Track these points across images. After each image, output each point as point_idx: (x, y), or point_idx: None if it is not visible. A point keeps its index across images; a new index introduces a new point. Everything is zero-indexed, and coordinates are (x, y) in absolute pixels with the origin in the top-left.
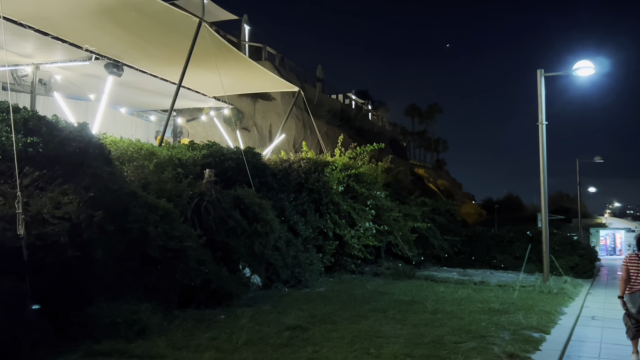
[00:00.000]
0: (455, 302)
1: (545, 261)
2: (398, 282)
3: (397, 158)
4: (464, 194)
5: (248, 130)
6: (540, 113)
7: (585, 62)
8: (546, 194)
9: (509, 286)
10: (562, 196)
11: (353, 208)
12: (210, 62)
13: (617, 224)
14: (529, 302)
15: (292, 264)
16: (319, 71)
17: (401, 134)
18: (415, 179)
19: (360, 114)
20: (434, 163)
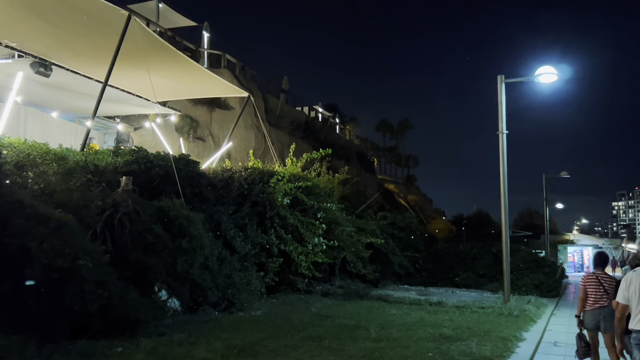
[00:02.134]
0: (404, 326)
1: (505, 281)
2: (347, 304)
3: (365, 172)
4: (435, 210)
5: (203, 140)
6: (501, 121)
7: (547, 68)
8: (507, 208)
9: (467, 307)
10: (532, 213)
11: (301, 222)
12: (151, 63)
13: (585, 240)
14: (485, 327)
15: (224, 284)
16: (285, 82)
17: (372, 149)
18: (385, 194)
19: (325, 127)
20: (404, 179)
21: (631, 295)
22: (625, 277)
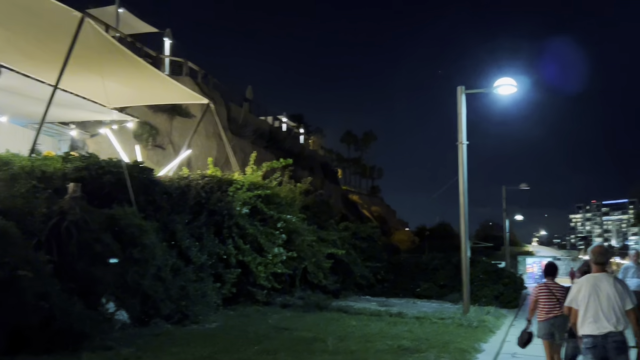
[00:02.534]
0: (363, 338)
1: (465, 291)
2: (306, 315)
3: (329, 183)
4: (398, 221)
5: (163, 148)
6: (460, 132)
7: (506, 80)
8: (466, 219)
9: (427, 318)
10: (493, 225)
11: (261, 232)
12: (107, 68)
13: (544, 252)
14: (445, 338)
15: (177, 296)
16: (249, 92)
17: (337, 160)
18: (349, 205)
19: (289, 137)
20: (368, 190)
21: (581, 301)
22: (576, 283)
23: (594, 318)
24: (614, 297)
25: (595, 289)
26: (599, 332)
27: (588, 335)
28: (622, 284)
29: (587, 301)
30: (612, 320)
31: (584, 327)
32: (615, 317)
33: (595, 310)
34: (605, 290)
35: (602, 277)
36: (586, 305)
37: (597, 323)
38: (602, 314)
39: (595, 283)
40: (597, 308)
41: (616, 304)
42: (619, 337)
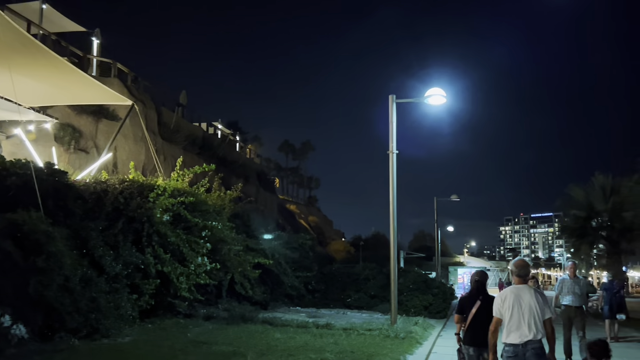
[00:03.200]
0: (286, 352)
1: (393, 302)
2: (229, 328)
3: (264, 192)
4: (335, 231)
5: (86, 152)
6: (391, 141)
7: (436, 90)
8: (396, 228)
9: (354, 330)
10: (425, 235)
11: (184, 240)
12: (23, 65)
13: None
14: (370, 350)
15: (87, 308)
16: (183, 97)
17: (274, 169)
18: (286, 215)
19: (224, 144)
20: (306, 199)
21: (505, 311)
22: (501, 293)
23: (516, 327)
24: (535, 307)
25: (518, 300)
26: (520, 341)
27: (510, 344)
28: (542, 295)
29: (511, 311)
30: (532, 329)
31: (506, 336)
32: (535, 327)
33: (518, 320)
34: (527, 301)
35: (523, 288)
36: (510, 314)
37: (518, 332)
38: (523, 323)
39: (518, 294)
40: (519, 318)
41: (536, 314)
42: (537, 344)
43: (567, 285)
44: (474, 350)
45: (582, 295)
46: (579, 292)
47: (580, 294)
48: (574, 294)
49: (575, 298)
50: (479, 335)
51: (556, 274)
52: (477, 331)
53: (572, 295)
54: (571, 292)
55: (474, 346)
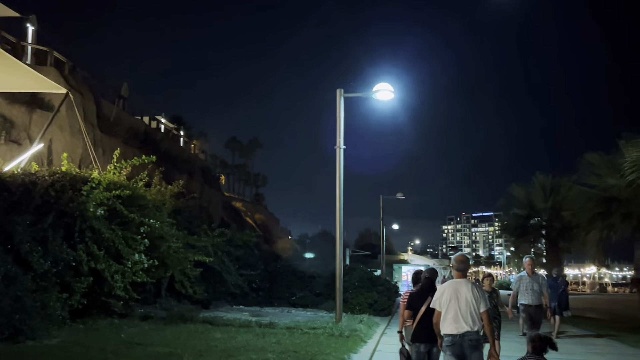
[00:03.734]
0: (225, 353)
1: (338, 300)
2: (167, 328)
3: (209, 188)
4: (282, 229)
5: (19, 143)
6: (339, 136)
7: (384, 85)
8: (342, 225)
9: (298, 328)
10: (371, 233)
11: (119, 237)
12: None
13: (418, 260)
14: (314, 349)
15: (10, 308)
16: (125, 89)
17: (221, 166)
18: (232, 212)
19: (167, 138)
20: (252, 197)
21: (444, 303)
22: (440, 287)
23: (454, 319)
24: (472, 300)
25: (455, 293)
26: (457, 332)
27: (448, 334)
28: (479, 289)
29: (448, 304)
30: (468, 321)
31: (445, 326)
32: (472, 318)
33: (455, 312)
34: (464, 295)
35: (462, 282)
36: (447, 307)
37: (456, 323)
38: (460, 315)
39: (456, 288)
40: (457, 310)
41: (473, 307)
42: (474, 335)
43: (525, 282)
44: (425, 347)
45: (541, 293)
46: (538, 289)
47: (540, 292)
48: (533, 292)
49: (534, 296)
50: (430, 332)
51: (496, 271)
52: (428, 328)
53: (532, 293)
54: (530, 289)
55: (425, 342)
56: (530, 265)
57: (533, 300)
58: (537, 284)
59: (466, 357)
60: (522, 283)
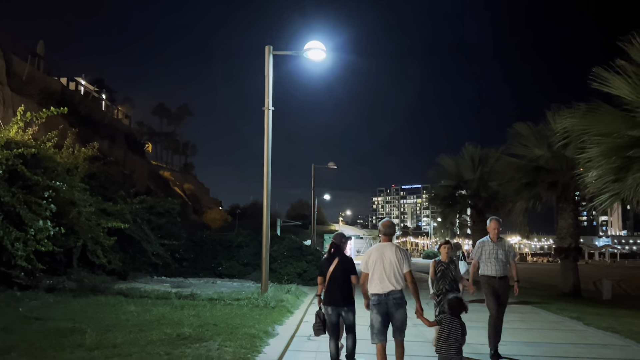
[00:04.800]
0: (137, 327)
1: (264, 269)
2: (75, 301)
3: (133, 155)
4: (212, 200)
5: None
6: (267, 96)
7: (316, 43)
8: (269, 190)
9: (221, 300)
10: (303, 204)
11: (20, 201)
12: None
13: (348, 231)
14: (235, 322)
15: None
16: (40, 47)
17: (148, 133)
18: (159, 181)
19: (87, 102)
20: (181, 167)
21: (370, 265)
22: (368, 251)
23: (380, 279)
24: (395, 262)
25: (381, 256)
26: (383, 291)
27: (374, 293)
28: (402, 251)
29: (374, 266)
30: (393, 281)
31: (372, 287)
32: (395, 279)
33: (381, 273)
34: (389, 257)
35: (387, 245)
36: (374, 269)
37: (381, 284)
38: (385, 276)
39: (382, 251)
40: (382, 271)
41: (397, 268)
42: (398, 294)
43: (487, 250)
44: (332, 310)
45: (507, 262)
46: (504, 257)
47: (506, 261)
48: (498, 261)
49: (499, 266)
50: (336, 295)
51: (423, 241)
52: (333, 290)
53: (496, 262)
54: (493, 258)
55: (332, 305)
56: (495, 230)
57: (498, 270)
58: (503, 251)
59: (391, 314)
60: (484, 250)
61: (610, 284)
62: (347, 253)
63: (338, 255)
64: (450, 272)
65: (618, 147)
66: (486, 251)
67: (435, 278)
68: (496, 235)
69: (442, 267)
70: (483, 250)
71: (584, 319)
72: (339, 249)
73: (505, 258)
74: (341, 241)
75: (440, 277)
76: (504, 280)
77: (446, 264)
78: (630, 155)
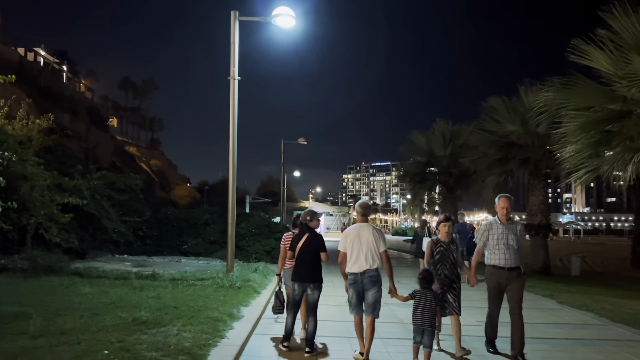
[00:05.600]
0: (90, 311)
1: (230, 247)
2: (25, 282)
3: (96, 130)
4: (180, 176)
5: None
6: (233, 65)
7: (284, 9)
8: (235, 162)
9: (184, 280)
10: (273, 181)
11: None
12: None
13: (318, 208)
14: (198, 304)
15: None
16: None
17: (113, 108)
18: (124, 157)
19: (47, 73)
20: (148, 142)
21: (348, 245)
22: (345, 231)
23: (356, 259)
24: (372, 242)
25: (359, 236)
26: (359, 270)
27: (351, 272)
28: (379, 231)
29: (352, 245)
30: (369, 260)
31: (349, 266)
32: (372, 257)
33: (358, 253)
34: (365, 237)
35: (365, 226)
36: (351, 248)
37: (357, 263)
38: (362, 255)
39: (360, 231)
40: (359, 250)
41: (373, 247)
42: (373, 272)
43: (495, 234)
44: (299, 286)
45: (518, 249)
46: (515, 244)
47: (517, 248)
48: (508, 248)
49: (509, 254)
50: (304, 271)
51: (392, 218)
52: (302, 267)
53: (505, 249)
54: (503, 244)
55: (299, 282)
56: (505, 209)
57: (507, 260)
58: (514, 235)
59: (365, 292)
60: (491, 235)
61: (579, 260)
62: (317, 230)
63: (308, 231)
64: (451, 254)
65: (597, 121)
66: (494, 236)
67: (432, 260)
68: (506, 215)
69: (440, 249)
70: (490, 234)
71: (556, 297)
72: (308, 226)
73: (517, 244)
74: (308, 218)
75: (439, 260)
76: (515, 272)
77: (446, 245)
78: (610, 130)
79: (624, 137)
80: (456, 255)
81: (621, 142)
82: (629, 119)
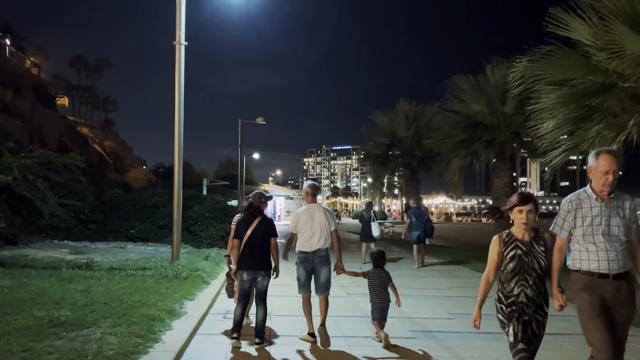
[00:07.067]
0: (1, 308)
1: (175, 233)
2: None
3: (43, 108)
4: (135, 158)
5: None
6: (178, 28)
7: None
8: (182, 137)
9: (123, 270)
10: (232, 164)
11: None
12: None
13: (278, 191)
14: (134, 298)
15: None
16: None
17: (65, 87)
18: (76, 137)
19: None
20: (102, 123)
21: (301, 226)
22: (297, 212)
23: (309, 238)
24: (324, 222)
25: (311, 217)
26: (310, 249)
27: (302, 251)
28: (329, 212)
29: (304, 226)
30: (321, 240)
31: (301, 245)
32: (324, 237)
33: (311, 232)
34: (318, 217)
35: (316, 206)
36: (303, 228)
37: (310, 242)
38: (315, 235)
39: (312, 212)
40: (312, 230)
41: (325, 227)
42: (324, 252)
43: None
44: (248, 274)
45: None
46: (623, 233)
47: (625, 240)
48: (611, 240)
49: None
50: (254, 258)
51: (352, 201)
52: (251, 254)
53: (606, 241)
54: (603, 233)
55: (248, 270)
56: (610, 174)
57: (613, 261)
58: (621, 219)
59: (316, 271)
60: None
61: None
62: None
63: (259, 215)
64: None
65: (578, 94)
66: (587, 219)
67: (503, 271)
68: (610, 185)
69: (518, 252)
70: (579, 217)
71: None
72: (259, 210)
73: (625, 233)
74: (260, 201)
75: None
76: (624, 281)
77: (527, 246)
78: (591, 104)
79: (606, 112)
80: (544, 263)
81: (604, 117)
82: (612, 94)
